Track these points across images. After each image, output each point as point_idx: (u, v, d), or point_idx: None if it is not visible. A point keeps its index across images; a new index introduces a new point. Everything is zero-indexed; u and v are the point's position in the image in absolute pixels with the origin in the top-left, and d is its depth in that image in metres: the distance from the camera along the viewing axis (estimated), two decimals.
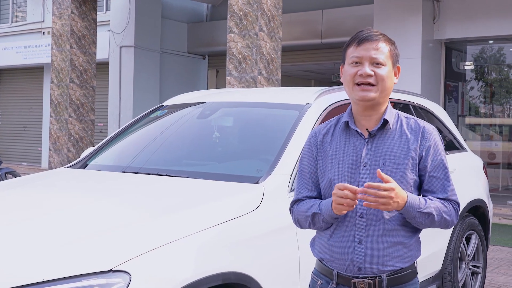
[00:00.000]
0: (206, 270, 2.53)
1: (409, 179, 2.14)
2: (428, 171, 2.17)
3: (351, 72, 2.16)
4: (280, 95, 4.15)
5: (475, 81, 12.08)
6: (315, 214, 2.17)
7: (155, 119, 4.27)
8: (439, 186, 2.17)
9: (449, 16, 10.54)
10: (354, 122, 2.22)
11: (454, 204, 2.19)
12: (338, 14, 12.28)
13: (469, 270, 4.88)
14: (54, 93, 11.62)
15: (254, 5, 8.60)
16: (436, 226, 2.16)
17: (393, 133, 2.18)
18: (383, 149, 2.16)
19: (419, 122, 2.22)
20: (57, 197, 3.19)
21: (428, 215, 2.10)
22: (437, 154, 2.19)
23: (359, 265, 2.13)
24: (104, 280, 2.27)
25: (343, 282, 2.17)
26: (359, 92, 2.14)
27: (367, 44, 2.14)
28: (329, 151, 2.23)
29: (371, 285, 2.13)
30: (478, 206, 5.03)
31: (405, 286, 2.17)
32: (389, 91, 2.18)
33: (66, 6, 11.41)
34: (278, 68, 9.05)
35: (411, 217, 2.09)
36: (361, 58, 2.14)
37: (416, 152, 2.16)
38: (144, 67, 13.96)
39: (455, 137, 5.19)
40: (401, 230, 2.14)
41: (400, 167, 2.13)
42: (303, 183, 2.29)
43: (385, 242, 2.13)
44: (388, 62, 2.16)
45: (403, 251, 2.15)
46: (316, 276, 2.28)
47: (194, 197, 3.01)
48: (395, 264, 2.14)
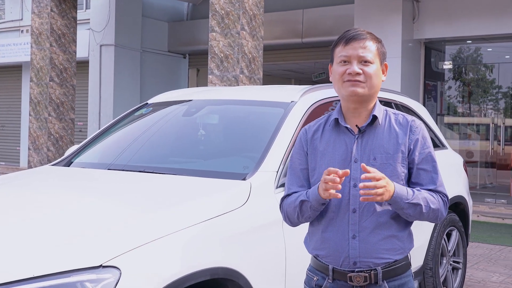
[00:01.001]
0: (194, 265, 2.55)
1: (400, 173, 2.19)
2: (416, 163, 2.21)
3: (340, 70, 2.20)
4: (266, 93, 4.18)
5: (454, 81, 12.23)
6: (303, 202, 2.21)
7: (140, 116, 4.27)
8: (427, 178, 2.21)
9: (428, 16, 10.67)
10: (344, 119, 2.26)
11: (442, 196, 2.23)
12: (318, 14, 12.35)
13: (449, 266, 4.96)
14: (34, 91, 11.52)
15: (236, 4, 8.62)
16: (425, 218, 2.20)
17: (382, 128, 2.23)
18: (373, 145, 2.20)
19: (407, 117, 2.27)
20: (44, 195, 3.17)
21: (416, 206, 2.13)
22: (425, 147, 2.23)
23: (354, 259, 2.17)
24: (94, 275, 2.27)
25: (339, 277, 2.20)
26: (349, 87, 2.18)
27: (355, 43, 2.19)
28: (319, 148, 2.27)
29: (367, 278, 2.16)
30: (459, 202, 5.12)
31: (400, 278, 2.21)
32: (377, 88, 2.23)
33: (45, 4, 11.31)
34: (259, 67, 9.08)
35: (399, 208, 2.13)
36: (349, 57, 2.19)
37: (405, 146, 2.20)
38: (125, 66, 13.90)
39: (436, 135, 5.27)
40: (393, 223, 2.19)
41: (390, 161, 2.18)
42: (293, 179, 2.33)
43: (379, 235, 2.17)
44: (376, 60, 2.21)
45: (397, 244, 2.19)
46: (312, 272, 2.31)
47: (181, 194, 3.02)
48: (390, 256, 2.18)
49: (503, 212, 9.98)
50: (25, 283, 2.21)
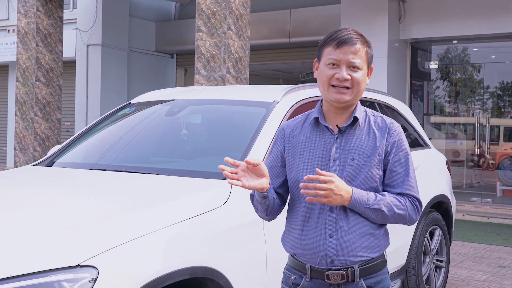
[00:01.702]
0: (173, 264, 2.56)
1: (375, 175, 2.20)
2: (390, 165, 2.23)
3: (328, 74, 2.19)
4: (248, 92, 4.18)
5: (440, 81, 12.31)
6: (252, 197, 2.29)
7: (123, 116, 4.26)
8: (399, 180, 2.23)
9: (414, 16, 10.72)
10: (324, 118, 2.27)
11: (412, 200, 2.23)
12: (306, 14, 12.38)
13: (432, 264, 4.99)
14: (20, 91, 11.46)
15: (222, 3, 8.62)
16: (392, 222, 2.21)
17: (361, 129, 2.24)
18: (352, 145, 2.21)
19: (386, 120, 2.28)
20: (24, 195, 3.17)
21: (377, 211, 2.15)
22: (400, 150, 2.24)
23: (331, 258, 2.18)
24: (71, 275, 2.27)
25: (316, 275, 2.22)
26: (334, 94, 2.19)
27: (346, 47, 2.17)
28: (297, 146, 2.28)
29: (344, 276, 2.18)
30: (442, 201, 5.15)
31: (376, 276, 2.23)
32: (362, 92, 2.25)
33: (31, 3, 11.26)
34: (246, 67, 9.09)
35: (360, 212, 2.16)
36: (339, 61, 2.18)
37: (382, 148, 2.22)
38: (112, 65, 13.85)
39: (419, 134, 5.30)
40: (370, 222, 2.20)
41: (367, 163, 2.20)
42: None
43: (356, 233, 2.18)
44: (364, 66, 2.22)
45: (373, 241, 2.21)
46: (289, 271, 2.32)
47: (161, 193, 3.02)
48: (366, 254, 2.20)
49: (489, 211, 10.05)
50: (2, 283, 2.20)
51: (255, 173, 2.14)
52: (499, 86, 11.90)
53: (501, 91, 11.96)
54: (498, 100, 12.10)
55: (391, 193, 2.22)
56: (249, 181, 2.13)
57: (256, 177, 2.14)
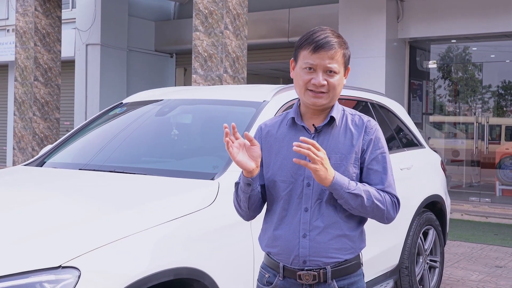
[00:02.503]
0: (157, 265, 2.54)
1: (351, 173, 2.19)
2: (366, 163, 2.22)
3: (305, 78, 2.19)
4: (238, 92, 4.17)
5: (439, 80, 12.28)
6: (237, 187, 2.26)
7: (114, 116, 4.26)
8: (377, 178, 2.22)
9: (413, 15, 10.70)
10: (301, 118, 2.27)
11: (391, 197, 2.22)
12: (304, 13, 12.36)
13: (426, 265, 4.97)
14: (18, 91, 11.47)
15: (219, 3, 8.61)
16: (370, 214, 2.18)
17: (338, 129, 2.23)
18: (328, 145, 2.21)
19: (363, 118, 2.27)
20: (9, 194, 3.16)
21: (357, 197, 2.12)
22: (377, 147, 2.24)
23: (304, 258, 2.17)
24: (53, 276, 2.27)
25: (289, 274, 2.21)
26: (311, 98, 2.19)
27: (323, 52, 2.15)
28: (274, 145, 2.28)
29: (315, 277, 2.17)
30: (436, 201, 5.13)
31: (350, 277, 2.22)
32: (338, 95, 2.24)
33: (30, 3, 11.26)
34: (244, 67, 9.07)
35: (340, 196, 2.11)
36: (316, 66, 2.17)
37: (359, 147, 2.21)
38: (111, 65, 13.85)
39: (413, 134, 5.28)
40: (345, 223, 2.19)
41: (344, 162, 2.19)
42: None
43: (329, 234, 2.17)
44: (341, 69, 2.21)
45: (347, 243, 2.20)
46: (264, 269, 2.33)
47: (148, 194, 3.02)
48: (339, 256, 2.18)
49: (487, 210, 10.02)
50: None
51: (248, 153, 2.14)
52: (499, 85, 11.87)
53: (502, 90, 11.93)
54: (500, 99, 12.07)
55: None
56: (240, 156, 2.13)
57: (247, 157, 2.14)
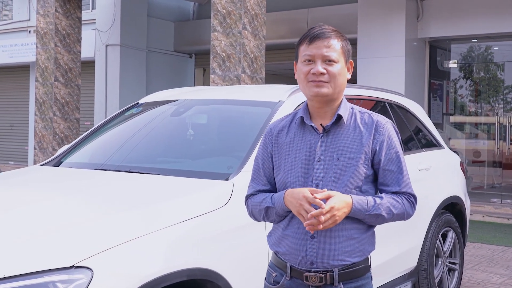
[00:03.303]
0: (170, 266, 2.54)
1: (361, 174, 2.17)
2: (382, 165, 2.19)
3: (304, 70, 2.18)
4: (254, 92, 4.16)
5: (460, 80, 12.14)
6: (268, 208, 2.22)
7: (130, 116, 4.27)
8: (393, 179, 2.20)
9: (433, 14, 10.58)
10: (310, 117, 2.24)
11: (408, 197, 2.21)
12: (323, 13, 12.29)
13: (445, 267, 4.91)
14: (39, 91, 11.58)
15: (237, 3, 8.60)
16: (390, 221, 2.21)
17: (347, 127, 2.21)
18: (337, 144, 2.18)
19: (372, 116, 2.24)
20: (25, 194, 3.18)
21: (378, 216, 2.15)
22: (391, 147, 2.21)
23: (311, 259, 2.16)
24: (66, 276, 2.27)
25: (296, 275, 2.21)
26: (313, 88, 2.17)
27: (319, 42, 2.16)
28: (284, 147, 2.26)
29: (322, 279, 2.16)
30: (455, 203, 5.06)
31: (357, 281, 2.20)
32: (342, 87, 2.21)
33: (50, 4, 11.36)
34: (262, 67, 9.05)
35: (361, 218, 2.15)
36: (313, 56, 2.16)
37: (369, 146, 2.18)
38: (130, 65, 13.92)
39: (432, 134, 5.21)
40: (353, 225, 2.17)
41: (353, 162, 2.16)
42: (257, 178, 2.34)
43: (338, 237, 2.15)
44: (341, 59, 2.18)
45: (356, 246, 2.18)
46: (271, 268, 2.32)
47: (162, 194, 3.01)
48: (347, 259, 2.17)
49: (509, 212, 9.88)
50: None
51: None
52: None
53: None
54: None
55: (387, 193, 2.20)
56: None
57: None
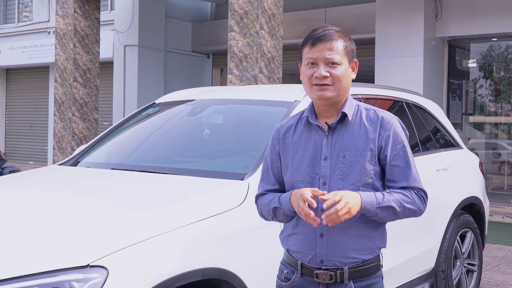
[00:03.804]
0: (185, 265, 2.54)
1: (369, 171, 2.15)
2: (388, 160, 2.18)
3: (308, 73, 2.17)
4: (270, 92, 4.15)
5: (479, 79, 12.01)
6: (276, 208, 2.24)
7: (146, 116, 4.29)
8: (400, 174, 2.18)
9: (451, 13, 10.48)
10: (315, 116, 2.24)
11: (417, 192, 2.19)
12: (340, 12, 12.25)
13: (464, 268, 4.86)
14: (58, 92, 11.68)
15: (254, 3, 8.60)
16: (403, 217, 2.17)
17: (352, 125, 2.20)
18: (342, 142, 2.18)
19: (378, 113, 2.23)
20: (42, 193, 3.20)
21: (389, 209, 2.11)
22: (397, 143, 2.19)
23: (321, 257, 2.16)
24: (81, 275, 2.28)
25: (306, 272, 2.21)
26: (317, 91, 2.16)
27: (321, 44, 2.14)
28: (291, 146, 2.27)
29: (332, 276, 2.16)
30: (473, 203, 5.01)
31: (368, 279, 2.19)
32: (346, 88, 2.20)
33: (69, 5, 11.45)
34: (279, 67, 9.04)
35: (373, 214, 2.12)
36: (316, 59, 2.15)
37: (374, 143, 2.17)
38: (148, 66, 13.98)
39: (451, 134, 5.16)
40: (363, 223, 2.16)
41: (359, 159, 2.15)
42: (266, 178, 2.35)
43: (347, 234, 2.15)
44: (344, 60, 2.17)
45: (366, 244, 2.17)
46: (283, 265, 2.34)
47: (177, 194, 3.01)
48: (357, 256, 2.16)
49: None
50: (12, 282, 2.22)
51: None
52: None
53: None
54: None
55: (395, 189, 2.18)
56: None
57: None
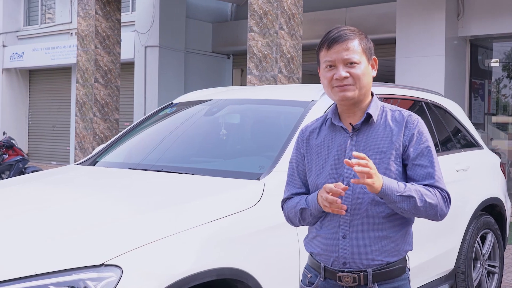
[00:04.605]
0: (199, 265, 2.54)
1: (393, 170, 2.12)
2: (411, 159, 2.14)
3: (327, 76, 2.16)
4: (287, 92, 4.14)
5: (502, 79, 11.84)
6: (303, 210, 2.20)
7: (164, 116, 4.30)
8: (424, 173, 2.13)
9: (474, 12, 10.35)
10: (338, 118, 2.22)
11: (441, 191, 2.13)
12: (361, 12, 12.17)
13: (484, 270, 4.79)
14: (80, 92, 11.78)
15: (274, 3, 8.59)
16: (423, 214, 2.10)
17: (377, 126, 2.17)
18: (367, 143, 2.15)
19: (403, 113, 2.20)
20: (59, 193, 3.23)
21: (410, 199, 2.04)
22: (420, 142, 2.15)
23: (344, 259, 2.13)
24: (95, 274, 2.29)
25: (329, 276, 2.18)
26: (338, 93, 2.14)
27: (337, 46, 2.12)
28: (314, 149, 2.24)
29: (356, 279, 2.12)
30: (494, 204, 4.94)
31: (393, 282, 2.14)
32: (368, 86, 2.18)
33: (90, 7, 11.55)
34: (298, 67, 9.02)
35: (391, 201, 2.03)
36: (334, 61, 2.13)
37: (399, 143, 2.14)
38: (169, 66, 14.04)
39: (471, 134, 5.10)
40: (386, 224, 2.12)
41: (384, 159, 2.12)
42: (292, 181, 2.32)
43: (370, 236, 2.11)
44: (363, 59, 2.15)
45: (389, 245, 2.13)
46: (307, 270, 2.30)
47: (192, 193, 3.02)
48: (381, 258, 2.12)
49: None
50: (27, 281, 2.24)
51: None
52: None
53: None
54: None
55: None
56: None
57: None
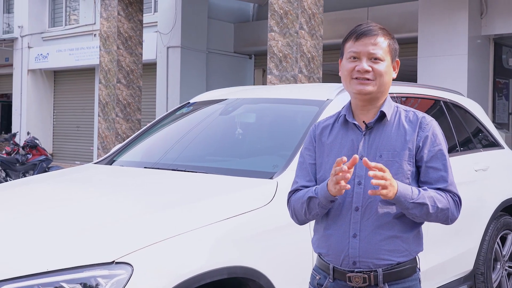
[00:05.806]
0: (211, 263, 2.55)
1: (406, 171, 2.10)
2: (424, 161, 2.12)
3: (349, 67, 2.15)
4: (302, 91, 4.13)
5: None
6: (310, 199, 2.13)
7: (180, 116, 4.32)
8: (437, 176, 2.11)
9: (497, 10, 10.20)
10: (352, 115, 2.20)
11: (453, 196, 2.12)
12: (383, 11, 12.09)
13: (505, 271, 4.73)
14: (102, 93, 11.90)
15: (294, 3, 8.57)
16: (434, 219, 2.09)
17: (390, 125, 2.15)
18: (380, 142, 2.14)
19: (418, 114, 2.18)
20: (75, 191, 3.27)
21: (422, 206, 2.03)
22: (435, 144, 2.13)
23: (353, 259, 2.10)
24: (106, 271, 2.31)
25: (339, 276, 2.15)
26: (357, 85, 2.13)
27: (365, 39, 2.12)
28: (326, 145, 2.23)
29: (366, 279, 2.09)
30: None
31: (404, 282, 2.12)
32: (387, 86, 2.16)
33: (113, 8, 11.65)
34: (319, 66, 8.98)
35: (404, 208, 2.04)
36: (359, 53, 2.13)
37: (413, 143, 2.12)
38: (191, 67, 14.10)
39: (491, 134, 5.03)
40: (397, 223, 2.10)
41: (397, 159, 2.10)
42: (301, 174, 2.28)
43: (380, 235, 2.09)
44: (387, 57, 2.14)
45: (400, 245, 2.10)
46: (316, 271, 2.27)
47: (205, 192, 3.03)
48: (391, 258, 2.09)
49: None
50: (38, 277, 2.27)
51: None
52: None
53: None
54: None
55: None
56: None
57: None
